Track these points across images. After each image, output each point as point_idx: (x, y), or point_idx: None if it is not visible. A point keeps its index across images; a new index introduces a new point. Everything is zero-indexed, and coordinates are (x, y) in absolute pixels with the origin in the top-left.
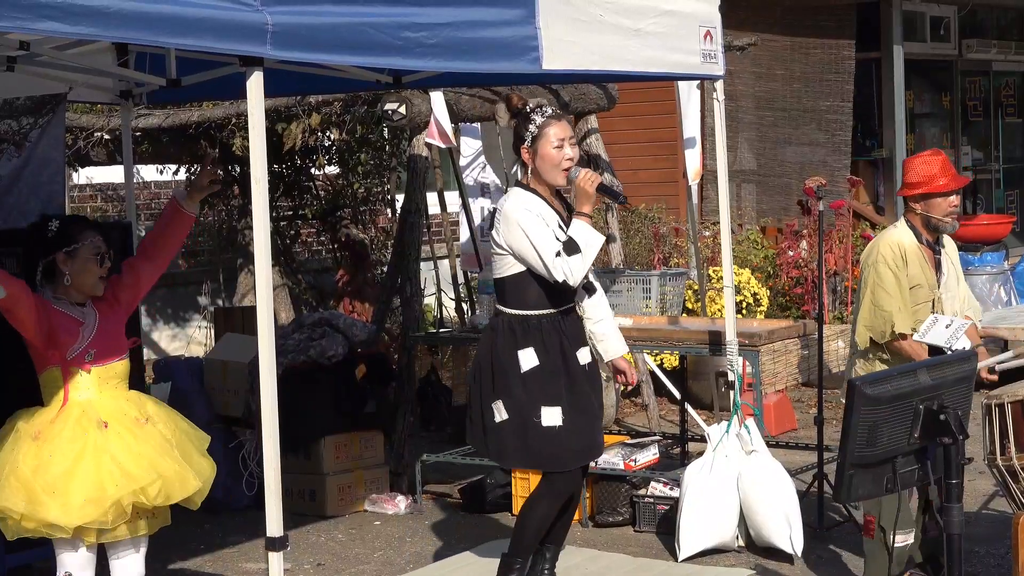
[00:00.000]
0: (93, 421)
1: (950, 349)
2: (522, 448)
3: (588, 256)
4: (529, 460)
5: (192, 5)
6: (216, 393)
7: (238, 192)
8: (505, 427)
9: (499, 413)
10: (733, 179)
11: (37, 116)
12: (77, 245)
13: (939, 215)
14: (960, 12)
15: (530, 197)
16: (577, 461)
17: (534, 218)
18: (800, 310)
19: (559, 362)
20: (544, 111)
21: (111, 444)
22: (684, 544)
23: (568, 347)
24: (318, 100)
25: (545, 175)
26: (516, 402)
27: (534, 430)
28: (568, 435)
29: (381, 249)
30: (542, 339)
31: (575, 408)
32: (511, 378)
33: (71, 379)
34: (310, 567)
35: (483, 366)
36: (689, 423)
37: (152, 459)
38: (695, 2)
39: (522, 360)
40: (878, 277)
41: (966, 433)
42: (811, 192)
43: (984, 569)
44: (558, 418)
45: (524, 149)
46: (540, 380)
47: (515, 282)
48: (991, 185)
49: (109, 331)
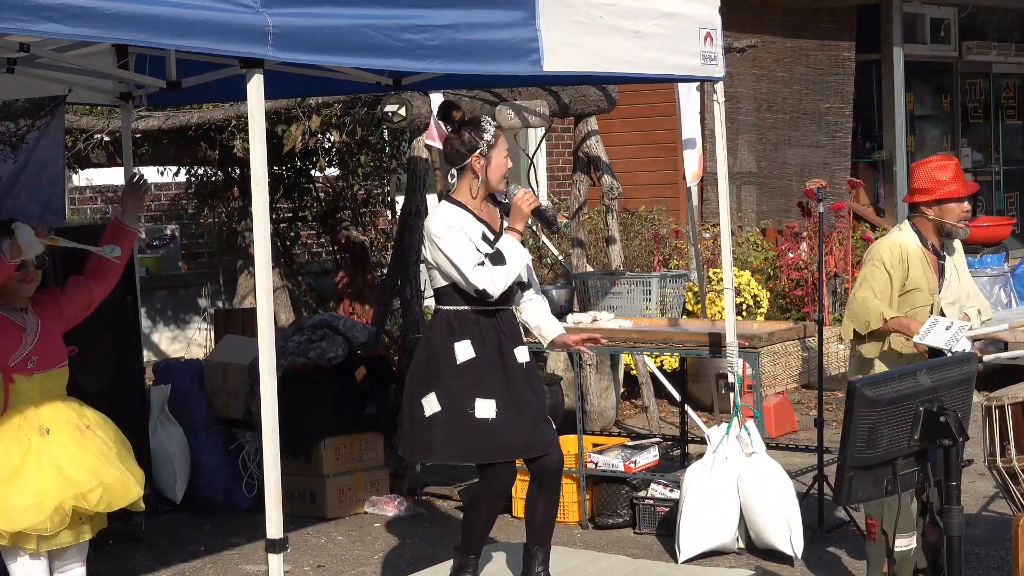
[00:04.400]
0: (35, 428)
1: (950, 351)
2: (453, 440)
3: (512, 270)
4: (459, 452)
5: (192, 7)
6: (216, 395)
7: (238, 194)
8: (436, 420)
9: (429, 407)
10: (733, 181)
11: (35, 118)
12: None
13: (953, 220)
14: (960, 14)
15: (454, 211)
16: (510, 455)
17: (454, 233)
18: (800, 312)
19: (495, 356)
20: (491, 122)
21: (53, 450)
22: (684, 546)
23: (505, 343)
24: (318, 102)
25: (492, 182)
26: (450, 393)
27: (467, 421)
28: (502, 429)
29: (381, 251)
30: (479, 332)
31: (510, 403)
32: (445, 370)
33: (12, 386)
34: (310, 569)
35: (417, 363)
36: (689, 425)
37: (94, 466)
38: (695, 4)
39: (458, 352)
40: (870, 274)
41: (966, 435)
42: (811, 194)
43: (984, 571)
44: (492, 411)
45: (477, 157)
46: (475, 372)
47: (448, 289)
48: (991, 187)
49: (50, 339)
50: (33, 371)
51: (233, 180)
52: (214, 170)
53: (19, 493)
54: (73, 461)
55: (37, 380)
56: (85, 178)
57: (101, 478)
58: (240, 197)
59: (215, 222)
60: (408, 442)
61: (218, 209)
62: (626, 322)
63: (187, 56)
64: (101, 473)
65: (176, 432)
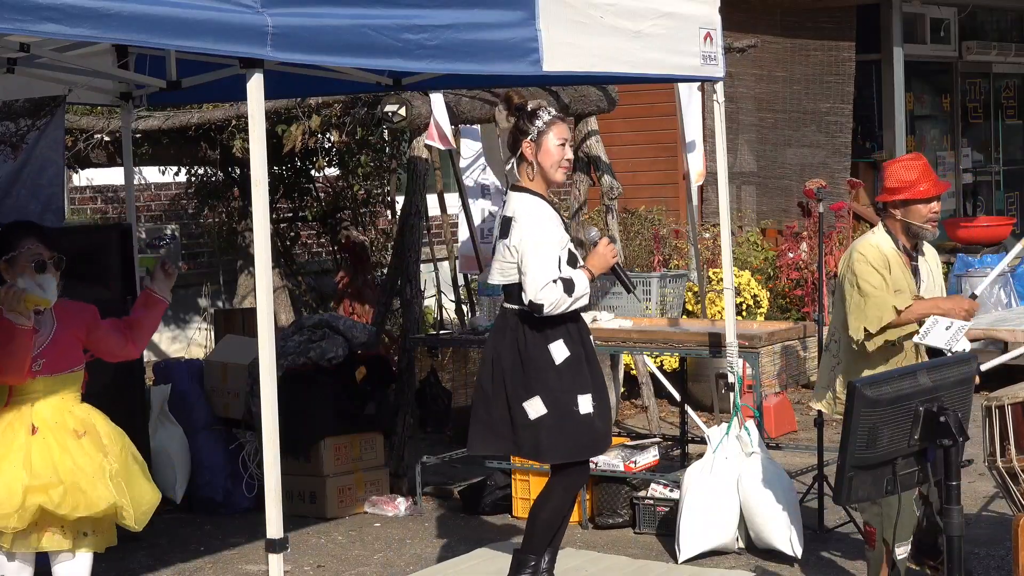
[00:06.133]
0: (25, 425)
1: (950, 351)
2: (561, 441)
3: (574, 304)
4: (568, 451)
5: (192, 7)
6: (216, 395)
7: (238, 194)
8: (543, 422)
9: (534, 410)
10: (733, 181)
11: (35, 118)
12: (14, 252)
13: (919, 221)
14: (960, 14)
15: (539, 203)
16: (605, 445)
17: (548, 239)
18: (800, 312)
19: (581, 350)
20: (549, 110)
21: (32, 448)
22: (684, 546)
23: (585, 333)
24: (318, 102)
25: (545, 171)
26: (553, 394)
27: (573, 420)
28: (598, 420)
29: (381, 251)
30: (566, 330)
31: (599, 392)
32: (546, 372)
33: (16, 386)
34: (310, 569)
35: (506, 367)
36: (689, 425)
37: (68, 469)
38: (695, 4)
39: (554, 353)
40: (862, 274)
41: (966, 435)
42: (811, 194)
43: (984, 571)
44: (591, 404)
45: (527, 143)
46: (572, 370)
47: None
48: (991, 187)
49: (64, 343)
50: (38, 373)
51: (233, 180)
52: (214, 170)
53: None
54: (43, 460)
55: (43, 382)
56: (85, 178)
57: (70, 480)
58: (240, 197)
59: (215, 222)
60: (503, 440)
61: (218, 209)
62: (626, 322)
63: (187, 56)
64: (72, 476)
65: (176, 432)
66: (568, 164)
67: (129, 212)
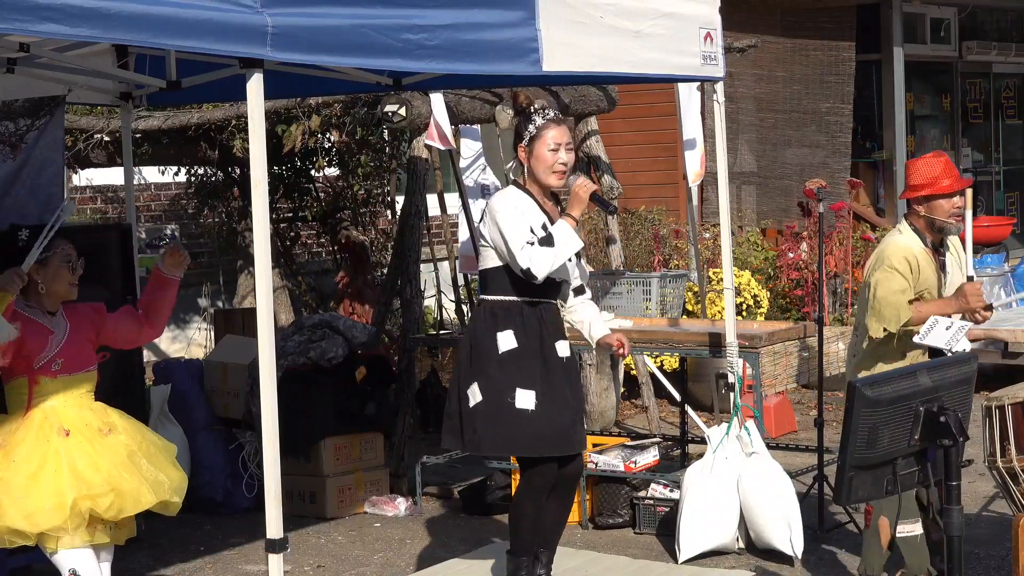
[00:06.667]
0: (55, 428)
1: (950, 351)
2: (495, 433)
3: (561, 254)
4: (502, 445)
5: (192, 7)
6: (216, 395)
7: (238, 194)
8: (479, 410)
9: (474, 396)
10: (733, 181)
11: (34, 118)
12: (48, 254)
13: (943, 217)
14: (960, 14)
15: (519, 194)
16: (549, 449)
17: (512, 210)
18: (800, 312)
19: (537, 347)
20: (545, 113)
21: (71, 451)
22: (684, 546)
23: (547, 336)
24: (318, 102)
25: (538, 175)
26: (491, 382)
27: (507, 412)
28: (540, 421)
29: (381, 251)
30: (522, 323)
31: (549, 396)
32: (487, 359)
33: (36, 387)
34: (310, 569)
35: (462, 355)
36: (689, 425)
37: (108, 472)
38: (695, 4)
39: (500, 341)
40: (886, 278)
41: (966, 435)
42: (811, 194)
43: (984, 571)
44: (531, 401)
45: (521, 147)
46: (516, 362)
47: (496, 273)
48: (991, 187)
49: (78, 344)
50: (58, 373)
51: (233, 180)
52: (214, 170)
53: (40, 494)
54: (89, 464)
55: (62, 382)
56: (85, 178)
57: (114, 484)
58: (240, 197)
59: (215, 222)
60: (455, 434)
61: (218, 209)
62: (626, 322)
63: (187, 56)
64: (115, 479)
65: (176, 432)
66: (563, 168)
67: (129, 212)
